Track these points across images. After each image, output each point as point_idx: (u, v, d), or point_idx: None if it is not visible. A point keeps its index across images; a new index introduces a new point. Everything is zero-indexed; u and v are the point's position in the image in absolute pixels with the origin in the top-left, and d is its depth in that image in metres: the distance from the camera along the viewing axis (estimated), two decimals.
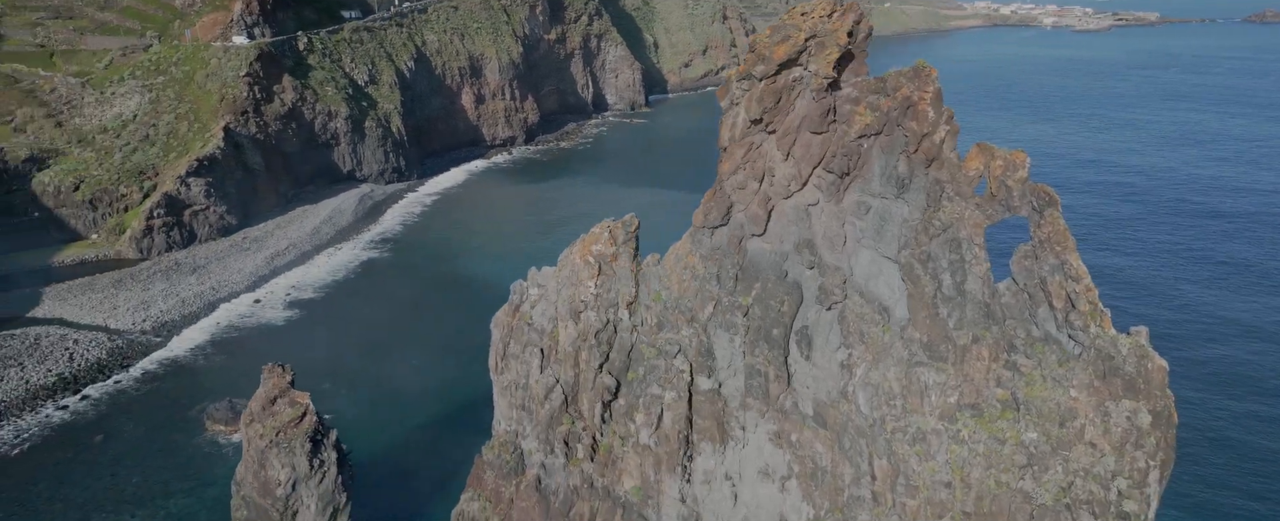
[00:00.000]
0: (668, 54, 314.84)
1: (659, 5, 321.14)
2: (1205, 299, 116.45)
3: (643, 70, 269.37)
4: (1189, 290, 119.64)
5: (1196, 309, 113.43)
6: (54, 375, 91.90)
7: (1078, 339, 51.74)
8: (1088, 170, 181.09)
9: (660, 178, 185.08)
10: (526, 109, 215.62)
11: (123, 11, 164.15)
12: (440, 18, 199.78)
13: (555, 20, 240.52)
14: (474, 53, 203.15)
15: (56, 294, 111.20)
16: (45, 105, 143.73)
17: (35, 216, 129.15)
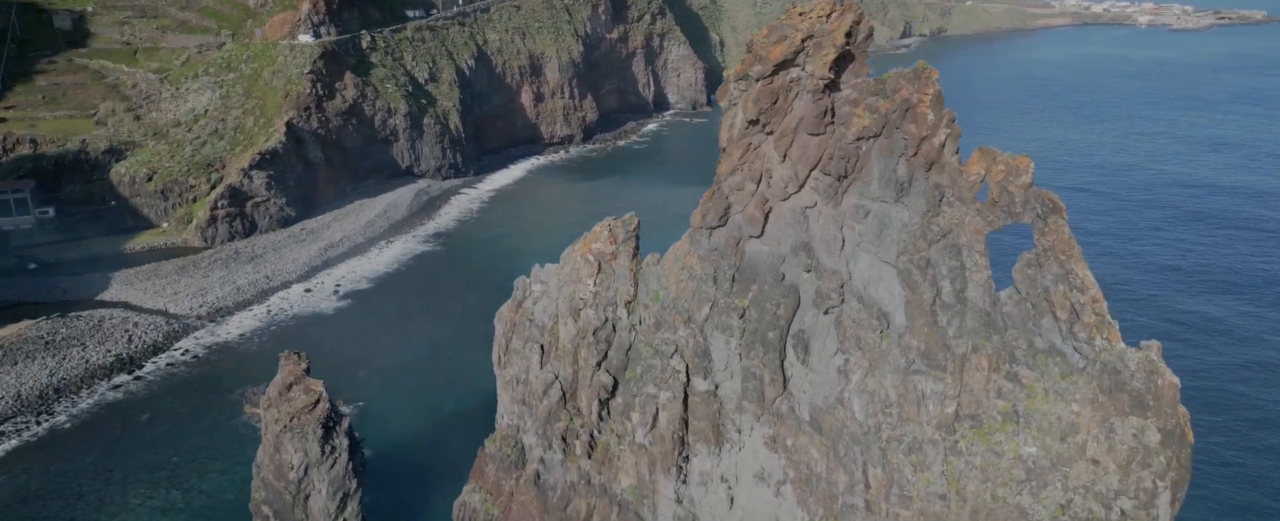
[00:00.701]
0: (734, 53, 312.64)
1: (726, 4, 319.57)
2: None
3: (706, 69, 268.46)
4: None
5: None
6: (112, 355, 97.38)
7: (1082, 351, 49.76)
8: (1172, 190, 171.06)
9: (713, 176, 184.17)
10: (585, 107, 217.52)
11: (201, 11, 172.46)
12: (502, 17, 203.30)
13: (618, 19, 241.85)
14: (535, 52, 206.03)
15: (124, 278, 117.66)
16: (126, 100, 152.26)
17: (112, 205, 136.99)
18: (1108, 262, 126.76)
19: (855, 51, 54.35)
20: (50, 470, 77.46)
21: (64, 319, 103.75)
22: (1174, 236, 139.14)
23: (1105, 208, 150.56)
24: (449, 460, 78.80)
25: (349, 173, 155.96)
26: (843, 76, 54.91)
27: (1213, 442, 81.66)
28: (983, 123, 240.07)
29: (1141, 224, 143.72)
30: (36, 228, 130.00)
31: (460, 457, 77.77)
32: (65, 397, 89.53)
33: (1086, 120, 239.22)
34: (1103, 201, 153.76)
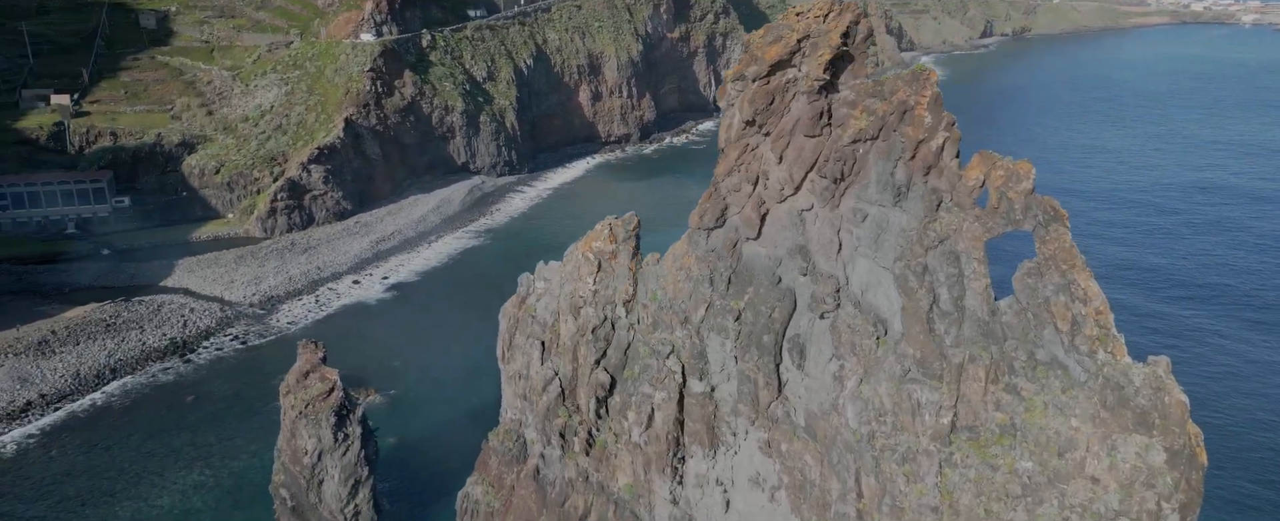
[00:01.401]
0: None
1: (795, 4, 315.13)
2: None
3: None
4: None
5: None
6: (167, 339, 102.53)
7: (1083, 365, 47.75)
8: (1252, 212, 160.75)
9: None
10: (643, 106, 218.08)
11: (274, 11, 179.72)
12: (563, 16, 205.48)
13: (680, 19, 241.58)
14: (594, 51, 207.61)
15: (187, 266, 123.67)
16: (201, 95, 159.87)
17: (183, 195, 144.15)
18: (1167, 290, 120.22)
19: (854, 52, 53.27)
20: (96, 445, 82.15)
21: (128, 303, 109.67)
22: (1248, 265, 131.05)
23: (1175, 229, 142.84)
24: (468, 451, 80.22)
25: (406, 168, 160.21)
26: (841, 78, 53.89)
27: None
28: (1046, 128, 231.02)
29: (1215, 250, 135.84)
30: (113, 215, 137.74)
31: (478, 450, 79.31)
32: (120, 377, 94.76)
33: (1166, 129, 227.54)
34: (1173, 222, 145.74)
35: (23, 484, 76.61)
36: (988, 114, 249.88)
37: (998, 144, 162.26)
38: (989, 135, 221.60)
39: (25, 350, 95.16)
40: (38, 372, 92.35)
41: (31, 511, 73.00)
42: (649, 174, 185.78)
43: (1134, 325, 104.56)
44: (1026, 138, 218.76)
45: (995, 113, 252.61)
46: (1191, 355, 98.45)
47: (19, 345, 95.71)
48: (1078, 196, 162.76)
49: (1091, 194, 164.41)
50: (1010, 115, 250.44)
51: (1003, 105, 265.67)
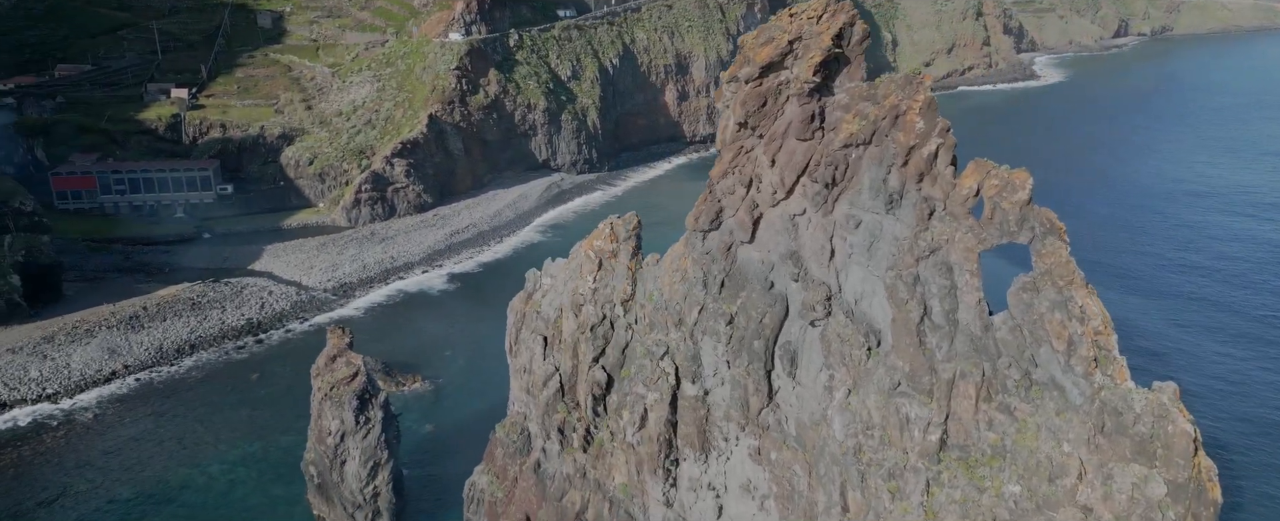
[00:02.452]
0: (907, 52, 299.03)
1: (903, 2, 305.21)
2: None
3: (869, 69, 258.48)
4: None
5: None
6: (244, 319, 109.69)
7: (1079, 387, 45.05)
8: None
9: None
10: None
11: (376, 11, 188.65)
12: (652, 16, 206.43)
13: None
14: (682, 50, 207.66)
15: (274, 251, 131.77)
16: (303, 91, 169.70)
17: (281, 185, 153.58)
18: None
19: (850, 55, 51.68)
20: (165, 414, 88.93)
21: (215, 284, 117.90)
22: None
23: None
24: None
25: (487, 164, 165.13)
26: (837, 81, 52.39)
27: None
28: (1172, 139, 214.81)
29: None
30: (217, 202, 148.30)
31: None
32: (196, 353, 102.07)
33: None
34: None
35: (95, 442, 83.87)
36: (1101, 121, 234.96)
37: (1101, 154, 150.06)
38: (1098, 143, 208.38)
39: (118, 324, 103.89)
40: (126, 345, 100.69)
41: (96, 466, 79.86)
42: None
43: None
44: (1143, 145, 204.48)
45: (1110, 120, 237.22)
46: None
47: (113, 319, 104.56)
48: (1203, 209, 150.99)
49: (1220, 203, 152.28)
50: (1128, 122, 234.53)
51: (1124, 112, 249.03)
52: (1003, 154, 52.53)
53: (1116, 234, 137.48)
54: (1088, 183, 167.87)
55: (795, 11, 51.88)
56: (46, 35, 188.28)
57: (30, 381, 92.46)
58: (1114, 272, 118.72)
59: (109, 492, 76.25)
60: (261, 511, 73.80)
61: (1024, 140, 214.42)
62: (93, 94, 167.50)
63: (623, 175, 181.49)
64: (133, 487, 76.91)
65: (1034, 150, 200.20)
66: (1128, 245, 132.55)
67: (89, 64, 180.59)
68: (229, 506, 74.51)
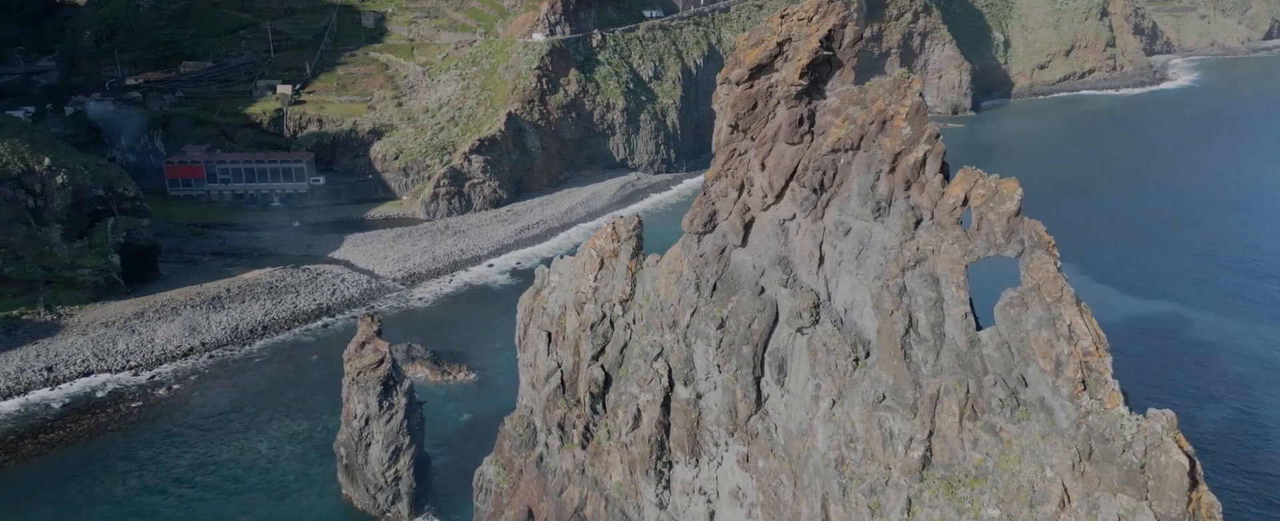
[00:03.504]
0: (1020, 53, 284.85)
1: (1019, 1, 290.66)
2: None
3: (975, 71, 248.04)
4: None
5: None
6: (315, 304, 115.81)
7: (1066, 410, 42.60)
8: None
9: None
10: None
11: (469, 12, 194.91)
12: (741, 16, 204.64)
13: (872, 17, 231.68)
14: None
15: (354, 241, 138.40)
16: (396, 89, 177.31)
17: (368, 178, 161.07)
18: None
19: (842, 57, 50.04)
20: (228, 390, 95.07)
21: (294, 270, 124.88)
22: None
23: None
24: None
25: (564, 162, 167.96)
26: (829, 84, 50.83)
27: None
28: None
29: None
30: (309, 192, 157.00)
31: None
32: (268, 335, 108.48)
33: None
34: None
35: (162, 413, 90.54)
36: (1226, 131, 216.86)
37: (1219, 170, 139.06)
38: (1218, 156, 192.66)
39: (201, 304, 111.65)
40: (206, 324, 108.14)
41: (158, 434, 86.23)
42: None
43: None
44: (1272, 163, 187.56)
45: (1238, 131, 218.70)
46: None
47: (197, 299, 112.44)
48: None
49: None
50: (1264, 134, 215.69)
51: (1258, 121, 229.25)
52: (1089, 165, 49.48)
53: (1216, 272, 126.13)
54: (1189, 205, 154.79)
55: (787, 13, 50.68)
56: (178, 34, 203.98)
57: (117, 353, 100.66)
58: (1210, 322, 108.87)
59: (166, 460, 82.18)
60: (297, 487, 77.86)
61: (1127, 149, 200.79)
62: (208, 89, 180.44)
63: (700, 176, 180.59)
64: (187, 457, 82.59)
65: (1133, 161, 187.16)
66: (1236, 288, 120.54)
67: (210, 61, 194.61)
68: (270, 481, 78.99)
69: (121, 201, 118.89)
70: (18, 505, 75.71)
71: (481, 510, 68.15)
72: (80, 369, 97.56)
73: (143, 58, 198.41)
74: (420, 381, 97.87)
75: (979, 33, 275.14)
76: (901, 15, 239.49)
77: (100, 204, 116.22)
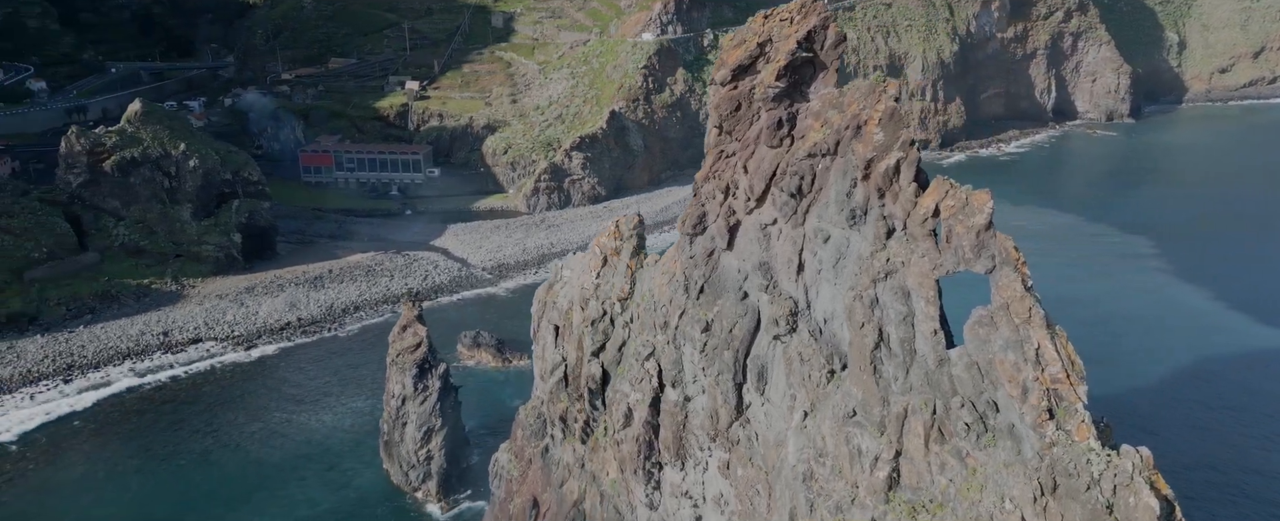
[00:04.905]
0: (1197, 55, 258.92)
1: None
2: None
3: (1135, 74, 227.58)
4: None
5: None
6: (405, 288, 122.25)
7: (1029, 439, 39.61)
8: None
9: (1078, 202, 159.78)
10: (949, 112, 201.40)
11: (588, 11, 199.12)
12: (866, 15, 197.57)
13: (1017, 16, 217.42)
14: (896, 51, 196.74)
15: (456, 231, 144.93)
16: (513, 86, 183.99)
17: (480, 171, 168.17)
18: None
19: (825, 59, 47.73)
20: (309, 365, 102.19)
21: (395, 255, 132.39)
22: None
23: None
24: None
25: (667, 161, 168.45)
26: (812, 86, 48.63)
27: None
28: None
29: None
30: (424, 183, 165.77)
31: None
32: (357, 314, 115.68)
33: None
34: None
35: (247, 383, 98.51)
36: None
37: None
38: None
39: (304, 282, 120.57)
40: (305, 301, 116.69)
41: (240, 402, 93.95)
42: None
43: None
44: None
45: None
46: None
47: (301, 278, 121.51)
48: None
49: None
50: None
51: None
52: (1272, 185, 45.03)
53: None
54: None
55: (770, 13, 49.11)
56: (331, 33, 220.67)
57: (224, 323, 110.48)
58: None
59: (242, 422, 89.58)
60: (346, 458, 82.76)
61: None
62: (346, 84, 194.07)
63: None
64: (260, 421, 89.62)
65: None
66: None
67: (353, 58, 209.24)
68: (324, 450, 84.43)
69: (246, 185, 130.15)
70: (114, 453, 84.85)
71: (496, 496, 69.99)
72: (191, 336, 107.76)
73: (300, 55, 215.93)
74: (483, 368, 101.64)
75: (1146, 33, 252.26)
76: (1051, 14, 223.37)
77: (227, 186, 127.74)
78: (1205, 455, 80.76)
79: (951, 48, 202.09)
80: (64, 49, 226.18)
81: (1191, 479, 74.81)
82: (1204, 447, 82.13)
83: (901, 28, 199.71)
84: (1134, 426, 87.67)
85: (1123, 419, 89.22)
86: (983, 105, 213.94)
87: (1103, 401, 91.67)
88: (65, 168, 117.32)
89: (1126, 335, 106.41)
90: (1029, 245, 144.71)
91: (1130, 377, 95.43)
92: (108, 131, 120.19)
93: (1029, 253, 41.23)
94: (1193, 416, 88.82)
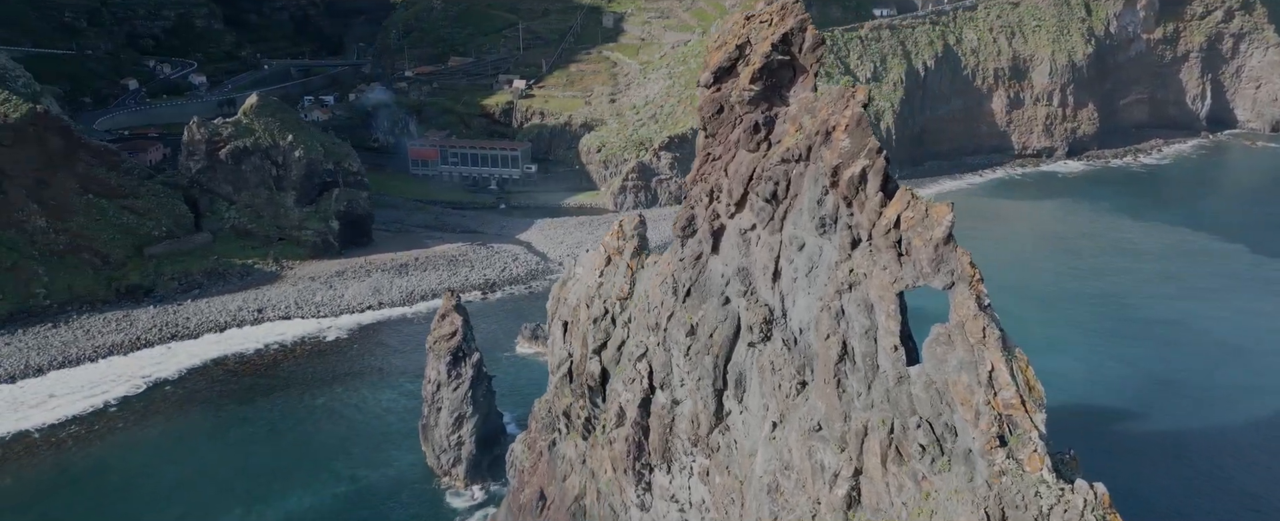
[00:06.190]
0: None
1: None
2: None
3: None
4: None
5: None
6: (483, 278, 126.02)
7: (978, 466, 37.17)
8: None
9: (1216, 220, 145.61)
10: (1080, 118, 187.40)
11: (695, 12, 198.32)
12: (989, 15, 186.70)
13: (1167, 15, 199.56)
14: (1021, 53, 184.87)
15: (542, 225, 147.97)
16: (614, 85, 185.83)
17: (575, 168, 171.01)
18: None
19: (805, 62, 45.48)
20: (378, 348, 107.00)
21: (480, 246, 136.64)
22: None
23: None
24: None
25: None
26: (791, 90, 46.44)
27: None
28: None
29: None
30: (522, 179, 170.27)
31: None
32: (433, 300, 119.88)
33: None
34: None
35: (321, 362, 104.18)
36: None
37: None
38: None
39: (390, 269, 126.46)
40: (387, 286, 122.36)
41: (312, 378, 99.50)
42: (1057, 195, 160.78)
43: None
44: None
45: None
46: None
47: (389, 265, 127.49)
48: None
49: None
50: None
51: None
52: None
53: None
54: None
55: (752, 15, 47.41)
56: (455, 33, 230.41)
57: (312, 304, 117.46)
58: None
59: (308, 396, 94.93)
60: (390, 438, 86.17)
61: None
62: (459, 82, 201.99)
63: (917, 184, 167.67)
64: (324, 400, 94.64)
65: None
66: None
67: (471, 57, 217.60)
68: (373, 428, 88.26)
69: (346, 176, 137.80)
70: (192, 418, 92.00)
71: (512, 485, 70.99)
72: (281, 313, 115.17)
73: (426, 53, 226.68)
74: (540, 359, 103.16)
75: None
76: (1208, 13, 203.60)
77: (329, 176, 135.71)
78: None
79: (1086, 49, 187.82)
80: (225, 47, 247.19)
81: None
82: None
83: (1028, 28, 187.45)
84: (1210, 464, 79.02)
85: (1195, 458, 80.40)
86: (1122, 111, 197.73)
87: (1168, 435, 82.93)
88: (186, 155, 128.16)
89: (1227, 366, 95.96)
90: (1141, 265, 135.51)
91: (1216, 412, 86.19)
92: (225, 123, 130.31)
93: (1140, 272, 36.45)
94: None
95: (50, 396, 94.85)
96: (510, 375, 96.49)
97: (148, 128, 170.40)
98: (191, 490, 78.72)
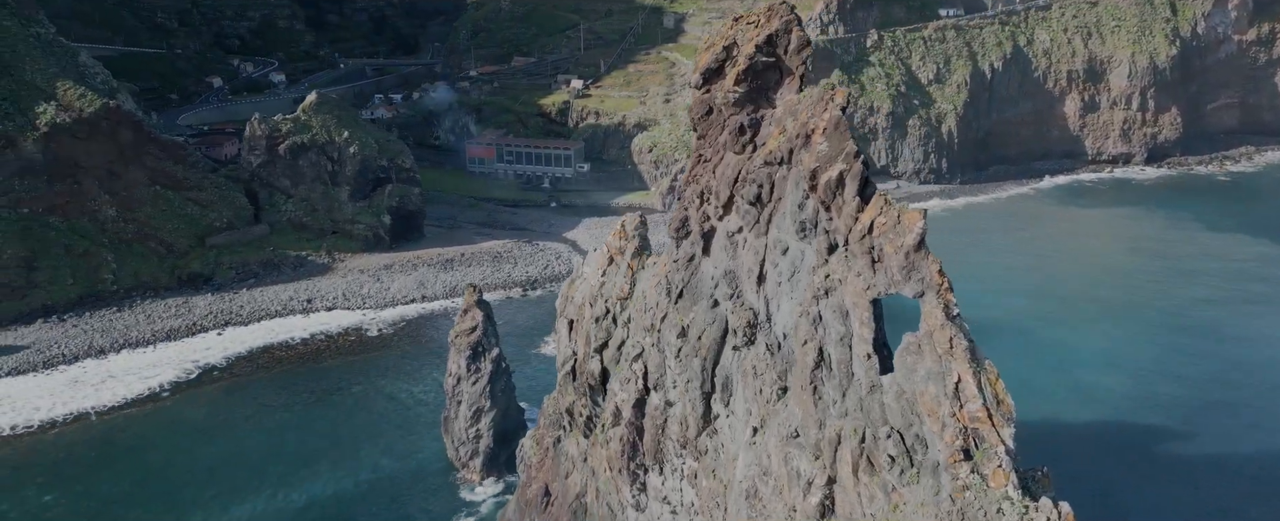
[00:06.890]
0: None
1: None
2: None
3: None
4: None
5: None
6: (525, 275, 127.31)
7: (942, 480, 36.03)
8: None
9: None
10: (1161, 122, 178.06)
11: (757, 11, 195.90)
12: (1064, 15, 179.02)
13: (1263, 15, 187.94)
14: (1097, 54, 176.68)
15: (589, 224, 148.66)
16: (670, 85, 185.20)
17: (627, 168, 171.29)
18: None
19: (792, 65, 44.38)
20: (417, 340, 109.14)
21: (526, 243, 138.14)
22: None
23: None
24: None
25: None
26: (778, 92, 45.38)
27: None
28: None
29: None
30: (575, 178, 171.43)
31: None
32: None
33: None
34: None
35: (362, 352, 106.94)
36: None
37: None
38: None
39: (437, 264, 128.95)
40: (432, 281, 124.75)
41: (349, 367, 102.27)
42: (1133, 204, 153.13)
43: None
44: None
45: None
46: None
47: (436, 260, 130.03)
48: None
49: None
50: None
51: None
52: None
53: None
54: None
55: (740, 16, 46.70)
56: (520, 32, 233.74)
57: (359, 296, 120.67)
58: None
59: (343, 386, 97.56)
60: (415, 428, 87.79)
61: None
62: (519, 81, 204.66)
63: (980, 189, 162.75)
64: (358, 387, 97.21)
65: None
66: None
67: (534, 57, 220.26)
68: (401, 418, 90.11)
69: (399, 172, 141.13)
70: (235, 403, 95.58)
71: (521, 480, 71.45)
72: (329, 304, 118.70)
73: (491, 53, 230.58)
74: None
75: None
76: None
77: (382, 172, 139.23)
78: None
79: (1169, 50, 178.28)
80: (305, 46, 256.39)
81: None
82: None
83: (1107, 29, 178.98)
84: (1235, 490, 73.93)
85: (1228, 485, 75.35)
86: (1210, 116, 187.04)
87: (1206, 460, 77.68)
88: (247, 149, 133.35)
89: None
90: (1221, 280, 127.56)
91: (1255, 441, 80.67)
92: (284, 119, 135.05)
93: (1217, 286, 33.52)
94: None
95: (109, 377, 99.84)
96: (540, 371, 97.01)
97: (226, 123, 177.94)
98: (227, 471, 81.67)
